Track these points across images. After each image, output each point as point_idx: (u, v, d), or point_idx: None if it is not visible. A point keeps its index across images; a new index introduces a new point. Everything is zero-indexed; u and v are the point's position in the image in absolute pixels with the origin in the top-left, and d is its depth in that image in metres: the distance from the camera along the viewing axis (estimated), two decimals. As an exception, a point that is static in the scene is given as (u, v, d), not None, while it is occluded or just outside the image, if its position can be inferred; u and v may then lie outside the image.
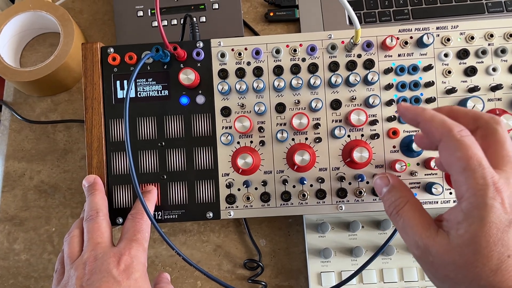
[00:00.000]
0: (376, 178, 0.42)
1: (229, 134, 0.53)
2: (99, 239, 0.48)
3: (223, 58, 0.54)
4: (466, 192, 0.34)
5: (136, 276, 0.45)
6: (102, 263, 0.44)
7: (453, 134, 0.35)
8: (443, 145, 0.36)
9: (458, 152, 0.35)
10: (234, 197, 0.54)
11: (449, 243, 0.34)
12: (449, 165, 0.36)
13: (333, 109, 0.54)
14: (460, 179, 0.34)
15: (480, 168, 0.33)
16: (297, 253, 0.65)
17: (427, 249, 0.35)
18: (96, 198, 0.51)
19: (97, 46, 0.55)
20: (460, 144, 0.35)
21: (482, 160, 0.34)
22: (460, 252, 0.33)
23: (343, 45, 0.54)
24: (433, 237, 0.35)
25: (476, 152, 0.34)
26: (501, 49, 0.53)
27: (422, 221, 0.37)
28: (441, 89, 0.53)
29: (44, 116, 0.72)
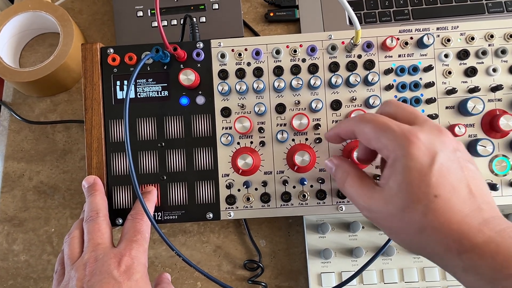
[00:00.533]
0: (325, 162, 0.46)
1: (229, 135, 0.53)
2: (99, 240, 0.47)
3: (223, 59, 0.54)
4: (387, 151, 0.37)
5: (137, 277, 0.45)
6: (102, 264, 0.44)
7: (357, 118, 0.41)
8: (356, 132, 0.41)
9: (366, 127, 0.39)
10: (234, 197, 0.54)
11: (384, 196, 0.38)
12: (368, 143, 0.39)
13: (333, 109, 0.54)
14: (379, 145, 0.38)
15: (387, 126, 0.37)
16: (297, 254, 0.65)
17: (370, 208, 0.39)
18: (96, 198, 0.51)
19: (97, 47, 0.54)
20: (365, 121, 0.39)
21: (388, 121, 0.38)
22: (392, 202, 0.37)
23: (343, 46, 0.54)
24: (372, 196, 0.39)
25: (380, 118, 0.39)
26: (502, 50, 0.53)
27: (362, 186, 0.40)
28: (442, 89, 0.53)
29: (44, 117, 0.72)
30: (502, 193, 0.53)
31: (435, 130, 0.37)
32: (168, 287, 0.51)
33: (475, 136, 0.53)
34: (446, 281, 0.60)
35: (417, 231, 0.36)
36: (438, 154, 0.36)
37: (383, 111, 0.42)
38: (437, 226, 0.35)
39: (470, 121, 0.53)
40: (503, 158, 0.53)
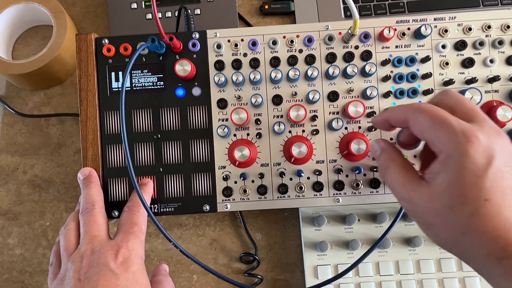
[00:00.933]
0: (371, 144, 0.45)
1: (226, 126, 0.53)
2: (96, 232, 0.47)
3: (219, 49, 0.53)
4: (442, 146, 0.36)
5: (134, 269, 0.45)
6: (99, 256, 0.44)
7: (413, 107, 0.39)
8: (410, 121, 0.39)
9: (421, 117, 0.38)
10: (230, 189, 0.54)
11: (430, 192, 0.37)
12: (421, 133, 0.38)
13: (330, 101, 0.54)
14: (433, 139, 0.37)
15: (446, 121, 0.36)
16: (293, 247, 0.65)
17: (412, 201, 0.38)
18: (92, 190, 0.51)
19: (92, 37, 0.54)
20: (421, 110, 0.38)
21: (447, 115, 0.37)
22: (439, 199, 0.36)
23: (341, 36, 0.54)
24: (416, 189, 0.38)
25: (438, 110, 0.37)
26: (499, 41, 0.53)
27: (407, 176, 0.39)
28: (439, 80, 0.53)
29: (37, 110, 0.71)
30: (499, 184, 0.53)
31: (494, 132, 0.36)
32: (164, 279, 0.51)
33: (471, 127, 0.53)
34: (442, 273, 0.60)
35: (460, 232, 0.35)
36: (495, 157, 0.34)
37: (440, 102, 0.40)
38: (482, 230, 0.34)
39: (467, 112, 0.53)
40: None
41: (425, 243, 0.61)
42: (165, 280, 0.51)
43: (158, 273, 0.52)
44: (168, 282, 0.51)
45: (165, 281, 0.51)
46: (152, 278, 0.51)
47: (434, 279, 0.60)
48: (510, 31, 0.53)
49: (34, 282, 0.65)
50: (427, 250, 0.61)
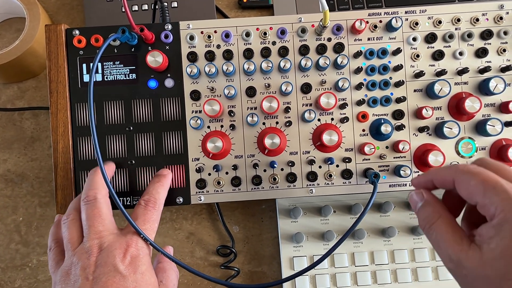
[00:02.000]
0: (412, 194, 0.43)
1: (199, 118, 0.52)
2: (101, 226, 0.45)
3: (192, 41, 0.53)
4: (495, 210, 0.34)
5: (142, 269, 0.44)
6: (107, 255, 0.43)
7: (461, 169, 0.38)
8: (458, 183, 0.37)
9: (472, 180, 0.36)
10: (204, 181, 0.53)
11: (482, 257, 0.34)
12: (470, 197, 0.36)
13: (303, 92, 0.54)
14: (485, 202, 0.35)
15: (499, 185, 0.34)
16: (270, 239, 0.65)
17: (460, 263, 0.35)
18: (96, 177, 0.48)
19: (62, 28, 0.53)
20: (471, 173, 0.36)
21: (498, 178, 0.35)
22: (492, 266, 0.33)
23: (313, 29, 0.54)
24: (466, 251, 0.35)
25: (489, 173, 0.36)
26: (468, 34, 0.53)
27: (455, 235, 0.37)
28: (410, 72, 0.54)
29: (10, 103, 0.70)
30: (468, 174, 0.54)
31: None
32: (169, 266, 0.50)
33: (442, 119, 0.54)
34: (415, 263, 0.61)
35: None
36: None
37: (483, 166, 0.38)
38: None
39: (437, 103, 0.54)
40: (469, 140, 0.54)
41: (399, 234, 0.61)
42: (170, 268, 0.50)
43: (163, 259, 0.51)
44: (172, 268, 0.50)
45: (169, 268, 0.50)
46: (156, 264, 0.50)
47: (408, 268, 0.61)
48: (479, 24, 0.54)
49: (7, 277, 0.64)
50: (401, 240, 0.62)
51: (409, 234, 0.62)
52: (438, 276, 0.61)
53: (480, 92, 0.54)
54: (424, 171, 0.54)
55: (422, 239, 0.62)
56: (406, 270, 0.61)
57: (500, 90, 0.52)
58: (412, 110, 0.54)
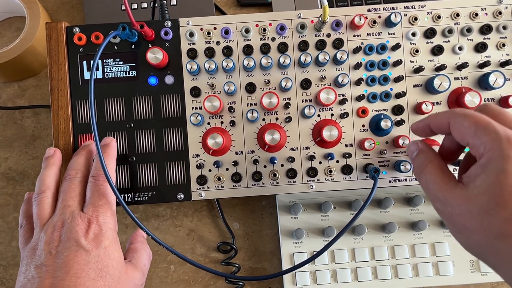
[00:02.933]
0: (409, 144, 0.45)
1: (199, 115, 0.53)
2: (70, 201, 0.46)
3: (192, 38, 0.53)
4: (484, 149, 0.35)
5: (106, 244, 0.44)
6: (70, 231, 0.44)
7: (457, 111, 0.39)
8: (452, 125, 0.39)
9: (465, 122, 0.37)
10: (205, 178, 0.54)
11: (467, 194, 0.36)
12: (463, 137, 0.38)
13: (303, 88, 0.54)
14: (475, 142, 0.36)
15: (490, 126, 0.35)
16: (271, 235, 0.65)
17: (446, 201, 0.37)
18: (80, 158, 0.50)
19: (62, 26, 0.53)
20: (464, 115, 0.38)
21: (491, 120, 0.36)
22: (476, 201, 0.35)
23: (313, 25, 0.54)
24: (452, 190, 0.37)
25: (482, 116, 0.37)
26: (467, 28, 0.54)
27: (443, 177, 0.39)
28: (409, 68, 0.54)
29: (11, 102, 0.70)
30: (468, 169, 0.54)
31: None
32: (141, 246, 0.50)
33: (441, 114, 0.54)
34: (416, 258, 0.61)
35: (494, 236, 0.34)
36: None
37: (482, 110, 0.39)
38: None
39: (437, 98, 0.54)
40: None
41: (400, 229, 0.62)
42: (141, 248, 0.50)
43: (135, 240, 0.51)
44: (144, 249, 0.51)
45: (141, 249, 0.50)
46: (129, 245, 0.50)
47: (408, 264, 0.61)
48: (478, 19, 0.54)
49: (9, 275, 0.64)
50: (402, 236, 0.62)
51: (410, 229, 0.62)
52: (439, 271, 0.61)
53: (480, 86, 0.54)
54: None
55: (422, 235, 0.62)
56: (407, 265, 0.61)
57: (499, 85, 0.52)
58: (411, 105, 0.54)
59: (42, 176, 0.49)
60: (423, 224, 0.60)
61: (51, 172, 0.50)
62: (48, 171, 0.50)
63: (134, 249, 0.50)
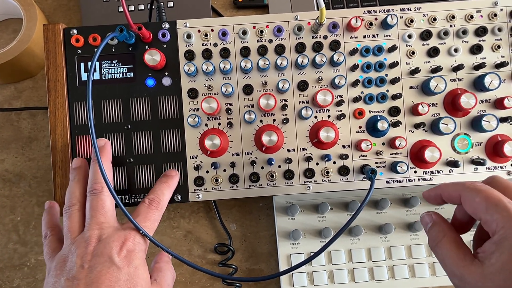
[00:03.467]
0: (423, 215, 0.45)
1: (196, 116, 0.53)
2: (102, 218, 0.46)
3: (189, 39, 0.54)
4: (496, 227, 0.36)
5: (136, 263, 0.45)
6: (105, 246, 0.44)
7: (467, 185, 0.40)
8: (463, 199, 0.40)
9: (476, 197, 0.38)
10: (202, 179, 0.54)
11: (483, 271, 0.36)
12: (475, 212, 0.38)
13: (300, 90, 0.54)
14: (487, 218, 0.37)
15: (501, 203, 0.36)
16: (268, 237, 0.66)
17: (463, 278, 0.37)
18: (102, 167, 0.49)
19: (60, 27, 0.53)
20: (476, 190, 0.38)
21: (501, 196, 0.37)
22: (492, 280, 0.35)
23: (309, 27, 0.54)
24: (468, 267, 0.37)
25: (493, 191, 0.38)
26: (462, 30, 0.54)
27: (459, 253, 0.39)
28: (405, 69, 0.54)
29: (7, 104, 0.70)
30: (464, 170, 0.54)
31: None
32: (166, 266, 0.51)
33: (437, 115, 0.54)
34: (412, 259, 0.61)
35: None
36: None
37: (491, 184, 0.40)
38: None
39: (433, 100, 0.54)
40: (465, 136, 0.54)
41: (396, 230, 0.62)
42: (166, 268, 0.51)
43: (161, 259, 0.51)
44: (169, 269, 0.51)
45: (166, 269, 0.50)
46: (154, 265, 0.51)
47: (405, 265, 0.61)
48: (473, 21, 0.54)
49: (5, 277, 0.64)
50: (398, 237, 0.62)
51: (406, 230, 0.62)
52: (435, 272, 0.61)
53: (475, 88, 0.54)
54: (421, 167, 0.54)
55: (419, 236, 0.62)
56: (403, 266, 0.61)
57: (495, 86, 0.52)
58: (408, 107, 0.54)
59: (72, 188, 0.50)
60: (419, 225, 0.60)
61: (81, 185, 0.50)
62: (77, 184, 0.50)
63: (159, 268, 0.50)
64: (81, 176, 0.51)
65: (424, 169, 0.54)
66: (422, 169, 0.54)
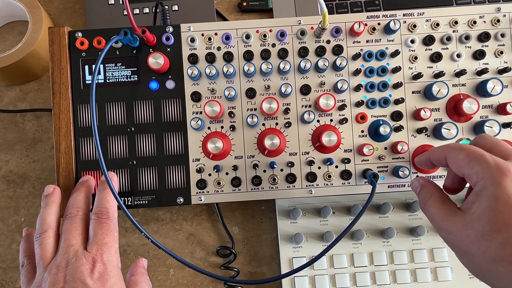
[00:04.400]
0: (412, 181, 0.48)
1: (199, 119, 0.53)
2: (74, 240, 0.46)
3: (193, 43, 0.54)
4: (477, 178, 0.38)
5: (111, 282, 0.44)
6: (75, 271, 0.43)
7: (452, 145, 0.42)
8: (449, 159, 0.42)
9: (460, 154, 0.40)
10: (205, 182, 0.54)
11: (464, 220, 0.38)
12: (459, 169, 0.41)
13: (303, 94, 0.54)
14: (469, 172, 0.39)
15: (482, 157, 0.39)
16: (270, 240, 0.66)
17: (448, 229, 0.40)
18: (80, 195, 0.50)
19: (65, 30, 0.54)
20: (459, 148, 0.41)
21: (483, 152, 0.39)
22: (473, 227, 0.37)
23: (312, 31, 0.54)
24: (452, 219, 0.40)
25: (475, 148, 0.40)
26: (465, 36, 0.54)
27: (444, 207, 0.42)
28: (408, 74, 0.55)
29: (13, 105, 0.71)
30: (466, 175, 0.54)
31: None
32: (141, 279, 0.50)
33: (440, 120, 0.54)
34: (414, 264, 0.61)
35: (491, 260, 0.36)
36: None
37: (478, 143, 0.43)
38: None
39: (435, 105, 0.54)
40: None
41: (398, 235, 0.62)
42: (142, 280, 0.50)
43: (136, 271, 0.51)
44: (145, 281, 0.50)
45: (142, 281, 0.50)
46: (129, 277, 0.50)
47: (407, 269, 0.61)
48: (476, 27, 0.55)
49: (8, 278, 0.64)
50: (400, 241, 0.62)
51: (408, 235, 0.62)
52: (437, 277, 0.61)
53: (478, 93, 0.54)
54: (423, 172, 0.54)
55: (421, 240, 0.62)
56: (405, 271, 0.61)
57: (497, 92, 0.52)
58: (410, 112, 0.54)
59: (43, 215, 0.49)
60: (421, 230, 0.60)
61: (52, 211, 0.50)
62: (48, 210, 0.50)
63: (135, 282, 0.49)
64: (52, 202, 0.50)
65: (426, 174, 0.54)
66: (424, 174, 0.54)
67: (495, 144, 0.42)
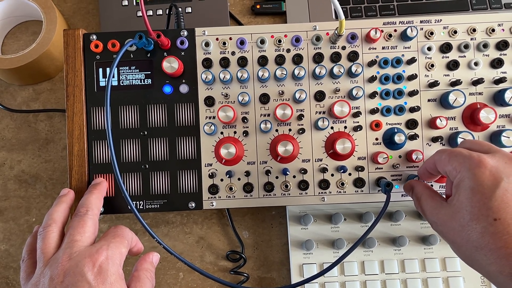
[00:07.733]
0: (404, 186, 0.52)
1: (212, 124, 0.53)
2: (78, 236, 0.45)
3: (207, 47, 0.54)
4: (456, 173, 0.41)
5: (111, 280, 0.43)
6: (76, 265, 0.42)
7: (439, 150, 0.46)
8: (436, 161, 0.45)
9: (443, 155, 0.44)
10: (217, 187, 0.54)
11: (449, 212, 0.42)
12: (443, 168, 0.44)
13: (317, 100, 0.54)
14: (449, 168, 0.42)
15: (460, 153, 0.42)
16: (280, 245, 0.65)
17: (437, 222, 0.44)
18: (92, 196, 0.50)
19: (80, 33, 0.54)
20: (443, 150, 0.44)
21: (462, 149, 0.42)
22: (456, 218, 0.40)
23: (328, 37, 0.54)
24: (440, 212, 0.43)
25: (456, 148, 0.43)
26: (483, 44, 0.53)
27: (433, 203, 0.45)
28: (424, 82, 0.54)
29: (26, 105, 0.71)
30: (482, 185, 0.54)
31: (506, 158, 0.40)
32: (144, 274, 0.48)
33: (456, 129, 0.54)
34: (426, 273, 0.61)
35: (474, 249, 0.39)
36: (503, 180, 0.38)
37: (460, 145, 0.47)
38: (493, 248, 0.37)
39: (451, 114, 0.54)
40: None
41: (410, 243, 0.61)
42: (145, 276, 0.48)
43: (140, 267, 0.49)
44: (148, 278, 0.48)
45: (144, 277, 0.48)
46: (133, 272, 0.49)
47: (418, 278, 0.60)
48: (494, 35, 0.54)
49: (20, 277, 0.65)
50: (412, 250, 0.61)
51: (420, 243, 0.62)
52: (449, 287, 0.60)
53: (495, 102, 0.54)
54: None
55: (433, 249, 0.61)
56: (417, 280, 0.60)
57: (515, 101, 0.52)
58: (425, 120, 0.54)
59: (51, 211, 0.49)
60: (434, 239, 0.60)
61: (60, 208, 0.49)
62: (57, 207, 0.49)
63: (137, 277, 0.48)
64: (62, 201, 0.50)
65: (440, 183, 0.54)
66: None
67: (475, 143, 0.45)
